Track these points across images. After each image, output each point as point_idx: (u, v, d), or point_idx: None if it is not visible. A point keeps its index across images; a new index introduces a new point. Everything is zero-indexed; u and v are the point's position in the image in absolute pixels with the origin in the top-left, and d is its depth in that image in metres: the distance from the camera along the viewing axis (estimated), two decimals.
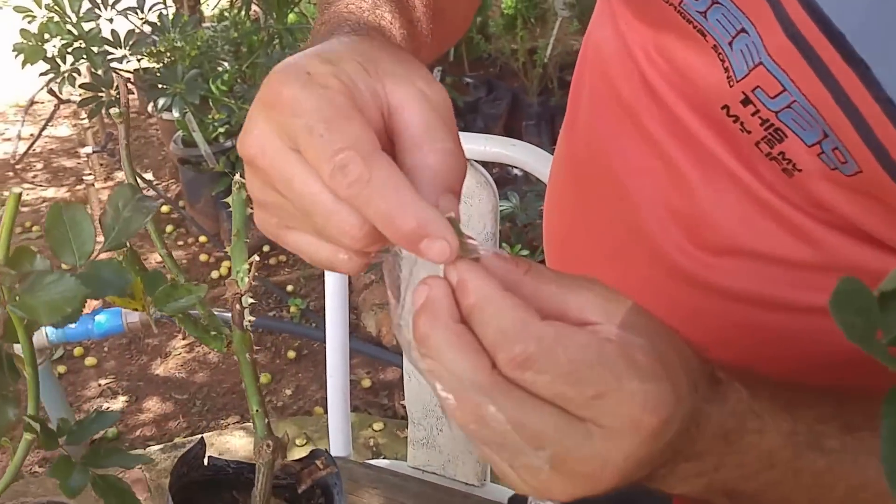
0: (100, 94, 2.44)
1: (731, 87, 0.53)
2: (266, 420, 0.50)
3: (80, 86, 2.38)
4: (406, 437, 2.20)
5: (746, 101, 0.52)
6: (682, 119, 0.59)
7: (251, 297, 0.48)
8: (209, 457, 0.57)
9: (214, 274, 3.02)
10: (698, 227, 0.61)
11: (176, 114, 2.46)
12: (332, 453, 1.31)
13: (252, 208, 0.47)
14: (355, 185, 0.36)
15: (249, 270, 0.49)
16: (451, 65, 3.51)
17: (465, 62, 3.60)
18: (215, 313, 0.48)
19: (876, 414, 0.43)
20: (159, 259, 2.92)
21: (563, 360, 0.36)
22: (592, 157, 0.70)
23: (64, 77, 2.39)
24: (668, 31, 0.57)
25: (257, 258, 0.50)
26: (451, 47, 3.23)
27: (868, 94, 0.45)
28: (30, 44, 2.41)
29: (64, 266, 0.38)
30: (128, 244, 0.40)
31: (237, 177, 0.52)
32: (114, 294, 0.34)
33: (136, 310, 0.40)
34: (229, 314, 0.48)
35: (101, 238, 0.43)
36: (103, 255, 0.40)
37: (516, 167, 1.09)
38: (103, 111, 2.45)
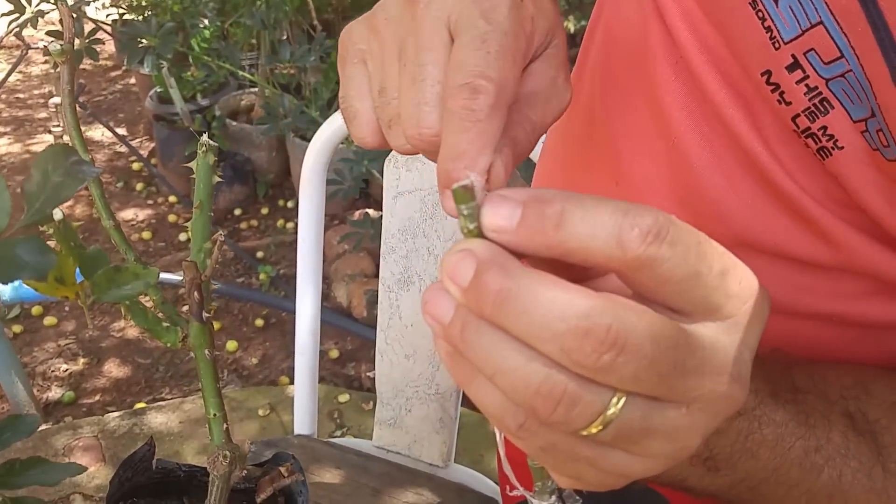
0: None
1: (776, 49, 0.46)
2: (225, 426, 0.43)
3: (48, 33, 2.24)
4: (370, 411, 2.17)
5: (794, 66, 0.46)
6: (705, 90, 0.52)
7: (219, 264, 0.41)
8: (158, 460, 0.50)
9: (182, 236, 2.94)
10: (705, 218, 0.55)
11: (149, 68, 2.33)
12: (297, 431, 1.27)
13: (220, 176, 0.39)
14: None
15: (212, 251, 0.42)
16: None
17: None
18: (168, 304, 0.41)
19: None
20: (127, 219, 2.81)
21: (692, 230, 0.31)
22: (593, 133, 0.63)
23: (28, 21, 2.21)
24: None
25: (223, 235, 0.43)
26: None
27: None
28: None
29: None
30: (62, 214, 0.32)
31: (204, 137, 0.45)
32: (31, 277, 0.27)
33: (67, 297, 0.32)
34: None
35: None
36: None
37: None
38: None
